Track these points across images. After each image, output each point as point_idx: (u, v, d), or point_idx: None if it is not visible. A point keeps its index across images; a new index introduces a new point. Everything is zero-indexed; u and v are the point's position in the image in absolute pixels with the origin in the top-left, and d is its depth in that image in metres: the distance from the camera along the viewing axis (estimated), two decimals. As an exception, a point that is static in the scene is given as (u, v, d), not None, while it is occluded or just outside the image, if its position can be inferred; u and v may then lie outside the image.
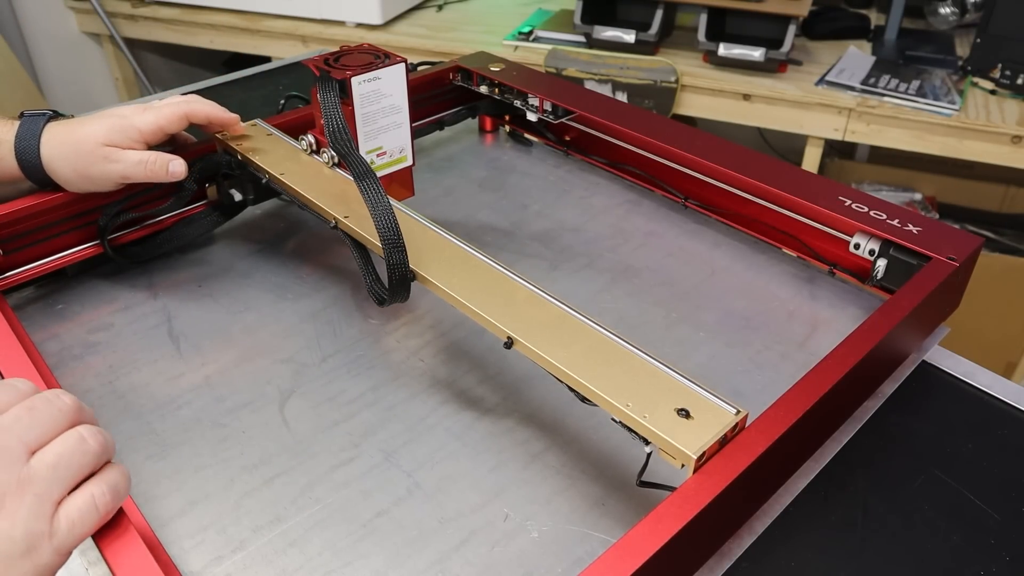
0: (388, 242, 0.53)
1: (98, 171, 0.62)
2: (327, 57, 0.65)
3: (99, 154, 0.61)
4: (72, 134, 0.62)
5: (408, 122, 0.68)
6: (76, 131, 0.62)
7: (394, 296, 0.55)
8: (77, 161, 0.61)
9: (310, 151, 0.67)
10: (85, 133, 0.61)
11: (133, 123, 0.62)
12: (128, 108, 0.64)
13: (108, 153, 0.61)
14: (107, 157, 0.61)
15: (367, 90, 0.63)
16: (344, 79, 0.62)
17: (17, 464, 0.36)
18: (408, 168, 0.71)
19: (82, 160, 0.61)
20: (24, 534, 0.35)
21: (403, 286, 0.54)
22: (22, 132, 0.62)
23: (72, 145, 0.61)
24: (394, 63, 0.64)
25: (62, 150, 0.62)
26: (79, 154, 0.61)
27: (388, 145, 0.68)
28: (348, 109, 0.63)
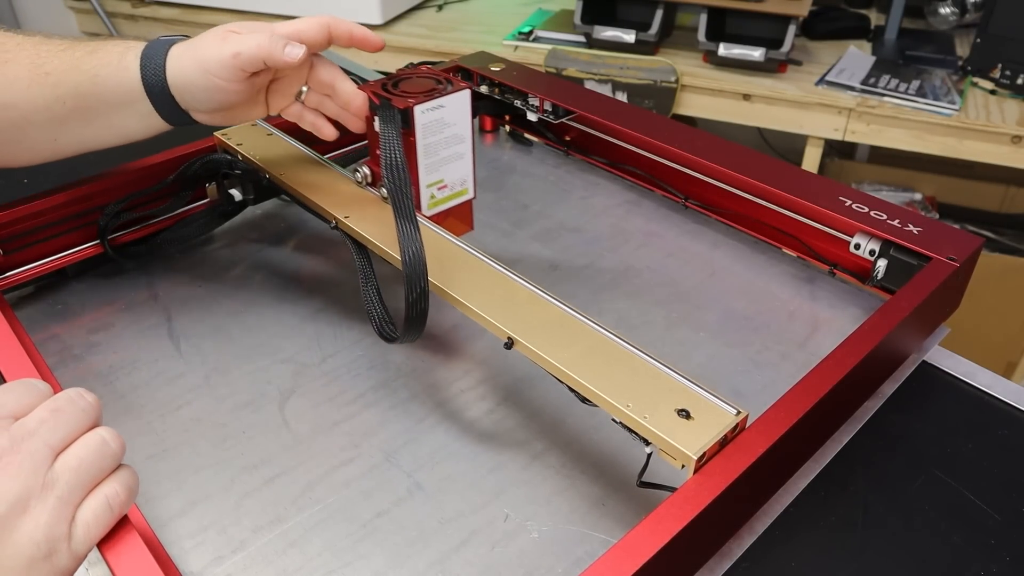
0: (414, 288, 0.50)
1: (213, 54, 0.54)
2: (384, 82, 0.60)
3: (217, 34, 0.55)
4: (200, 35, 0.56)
5: (471, 152, 0.63)
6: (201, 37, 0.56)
7: (407, 335, 0.53)
8: (196, 52, 0.55)
9: (365, 183, 0.63)
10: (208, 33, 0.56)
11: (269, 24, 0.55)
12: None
13: (226, 35, 0.55)
14: (224, 38, 0.55)
15: (430, 119, 0.58)
16: (407, 108, 0.57)
17: (43, 468, 0.36)
18: (469, 202, 0.65)
19: (201, 49, 0.55)
20: (46, 537, 0.35)
21: (418, 325, 0.52)
22: (148, 48, 0.55)
23: (195, 41, 0.56)
24: (458, 90, 0.59)
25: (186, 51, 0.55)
26: (199, 43, 0.55)
27: (449, 178, 0.62)
28: (409, 140, 0.58)
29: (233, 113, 0.59)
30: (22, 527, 0.34)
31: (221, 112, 0.58)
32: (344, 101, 0.61)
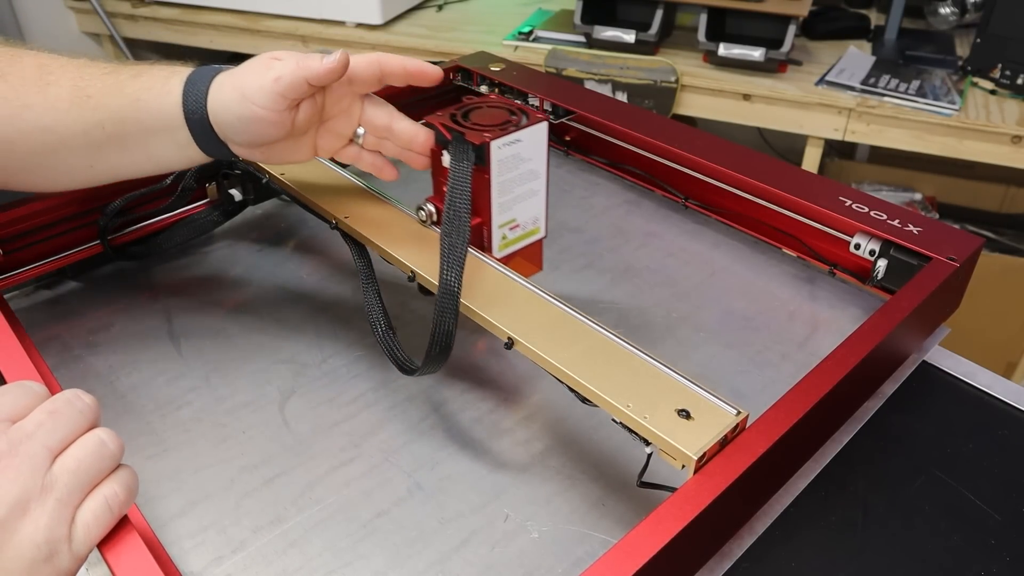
0: (438, 344, 0.50)
1: (253, 80, 0.51)
2: (453, 112, 0.55)
3: (261, 61, 0.52)
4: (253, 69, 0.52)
5: (545, 188, 0.58)
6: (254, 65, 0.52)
7: (427, 368, 0.51)
8: (237, 79, 0.51)
9: (430, 222, 0.58)
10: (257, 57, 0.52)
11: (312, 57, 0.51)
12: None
13: (270, 62, 0.51)
14: (268, 65, 0.51)
15: (506, 155, 0.53)
16: (484, 144, 0.52)
17: (41, 470, 0.36)
18: (539, 241, 0.60)
19: (242, 75, 0.51)
20: (46, 539, 0.35)
21: (441, 358, 0.51)
22: (192, 77, 0.52)
23: (239, 67, 0.52)
24: (535, 122, 0.54)
25: (228, 78, 0.52)
26: (242, 70, 0.52)
27: (522, 217, 0.57)
28: (483, 178, 0.53)
29: (274, 149, 0.54)
30: (22, 530, 0.34)
31: (260, 148, 0.54)
32: (406, 141, 0.57)
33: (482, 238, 0.56)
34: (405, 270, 0.55)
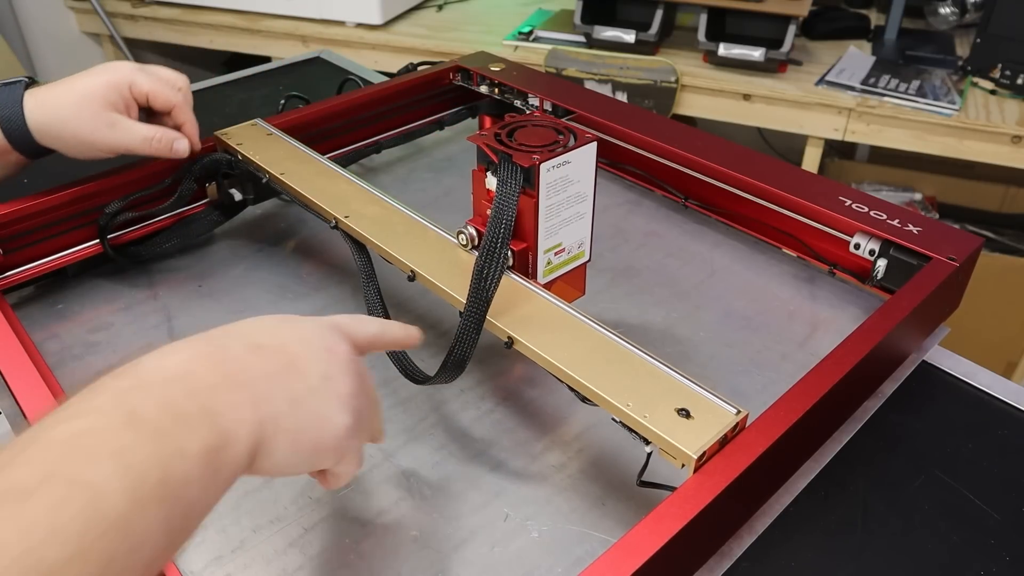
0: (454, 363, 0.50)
1: (100, 139, 0.59)
2: (496, 131, 0.53)
3: (102, 120, 0.58)
4: (65, 96, 0.59)
5: (592, 211, 0.56)
6: (69, 92, 0.59)
7: (437, 379, 0.51)
8: (76, 125, 0.58)
9: (471, 247, 0.55)
10: (81, 94, 0.59)
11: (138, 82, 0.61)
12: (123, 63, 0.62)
13: (114, 121, 0.59)
14: (112, 125, 0.59)
15: (554, 177, 0.51)
16: (532, 166, 0.50)
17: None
18: (584, 265, 0.58)
19: (82, 125, 0.58)
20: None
21: (454, 373, 0.51)
22: (3, 101, 0.58)
23: (68, 108, 0.58)
24: (584, 143, 0.52)
25: (56, 114, 0.59)
26: (78, 118, 0.58)
27: (568, 241, 0.55)
28: (531, 202, 0.51)
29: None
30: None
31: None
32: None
33: (527, 263, 0.54)
34: (405, 269, 0.55)
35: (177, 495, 0.31)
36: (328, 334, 0.41)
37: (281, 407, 0.36)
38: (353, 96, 0.82)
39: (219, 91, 1.09)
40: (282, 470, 0.37)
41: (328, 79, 1.12)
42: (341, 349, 0.40)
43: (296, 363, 0.38)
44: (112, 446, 0.30)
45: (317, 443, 0.38)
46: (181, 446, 0.32)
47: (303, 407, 0.37)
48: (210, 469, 0.33)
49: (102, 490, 0.28)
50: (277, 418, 0.36)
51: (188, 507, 0.32)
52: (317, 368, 0.38)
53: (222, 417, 0.33)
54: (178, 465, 0.31)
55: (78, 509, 0.28)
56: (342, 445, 0.39)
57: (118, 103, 0.60)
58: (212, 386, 0.34)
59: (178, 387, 0.34)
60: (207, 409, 0.33)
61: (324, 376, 0.38)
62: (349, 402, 0.39)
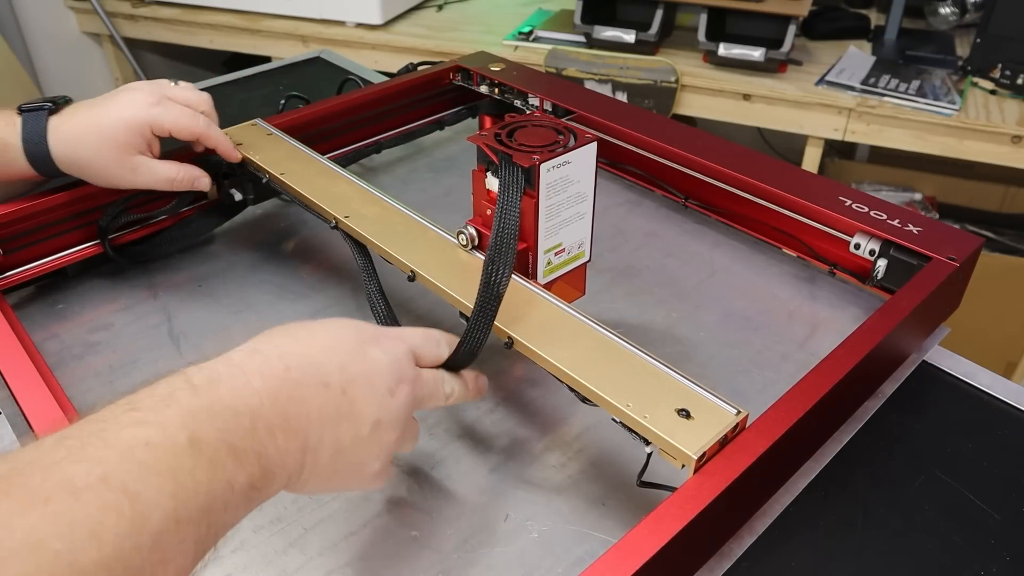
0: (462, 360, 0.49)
1: (122, 181, 0.62)
2: (496, 132, 0.53)
3: (125, 165, 0.61)
4: (87, 136, 0.60)
5: (592, 211, 0.56)
6: (91, 131, 0.60)
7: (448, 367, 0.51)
8: (98, 167, 0.61)
9: (471, 247, 0.55)
10: (102, 136, 0.60)
11: (159, 122, 0.61)
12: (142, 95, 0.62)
13: (135, 165, 0.61)
14: (134, 169, 0.61)
15: (554, 178, 0.51)
16: (532, 166, 0.50)
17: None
18: (584, 265, 0.59)
19: (104, 169, 0.61)
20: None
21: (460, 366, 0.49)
22: (28, 134, 0.60)
23: (89, 150, 0.60)
24: (584, 143, 0.52)
25: (77, 154, 0.61)
26: (100, 162, 0.61)
27: (568, 241, 0.55)
28: (531, 202, 0.51)
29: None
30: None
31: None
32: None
33: (527, 263, 0.54)
34: (405, 269, 0.55)
35: (214, 520, 0.33)
36: (398, 370, 0.42)
37: (325, 455, 0.38)
38: (353, 96, 0.82)
39: (219, 91, 1.09)
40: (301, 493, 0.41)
41: (328, 79, 1.12)
42: (403, 393, 0.42)
43: (354, 409, 0.39)
44: (169, 464, 0.31)
45: (344, 485, 0.42)
46: (231, 480, 0.33)
47: (344, 457, 0.39)
48: (248, 500, 0.35)
49: (149, 504, 0.30)
50: (318, 464, 0.38)
51: (220, 529, 0.34)
52: (371, 413, 0.40)
53: (271, 460, 0.36)
54: (222, 495, 0.33)
55: (122, 517, 0.29)
56: (365, 486, 0.43)
57: (140, 145, 0.61)
58: (271, 428, 0.36)
59: (243, 422, 0.35)
60: (261, 450, 0.35)
61: (375, 424, 0.40)
62: (388, 451, 0.42)
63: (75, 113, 0.62)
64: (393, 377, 0.41)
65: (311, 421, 0.37)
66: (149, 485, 0.30)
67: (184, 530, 0.31)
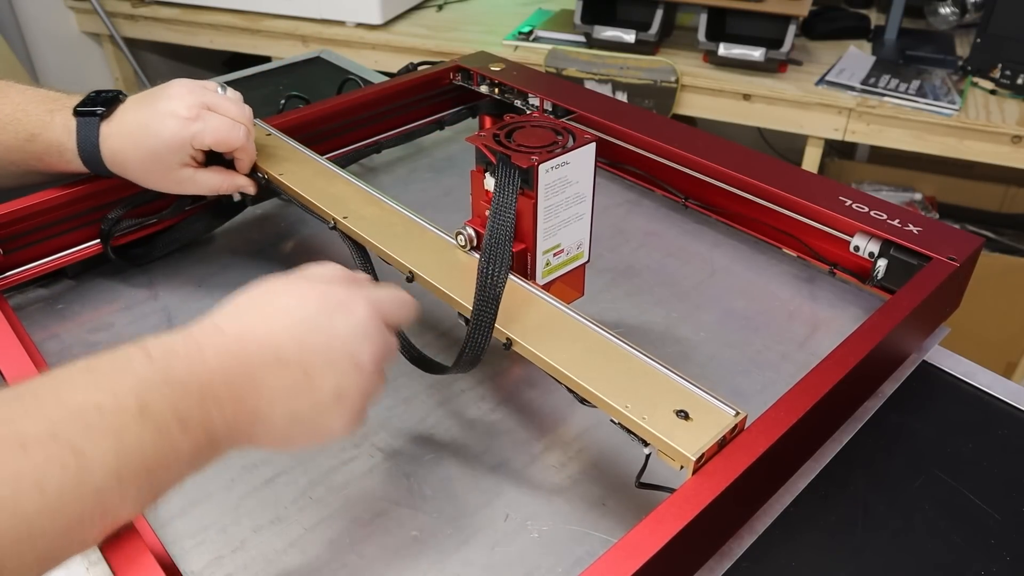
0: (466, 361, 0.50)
1: (171, 190, 0.64)
2: (495, 132, 0.53)
3: (172, 179, 0.62)
4: (134, 152, 0.61)
5: (591, 212, 0.56)
6: (136, 149, 0.61)
7: (456, 369, 0.51)
8: (149, 182, 0.63)
9: (469, 247, 0.55)
10: (148, 154, 0.61)
11: (199, 138, 0.61)
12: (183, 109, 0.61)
13: (182, 179, 0.63)
14: (181, 183, 0.63)
15: (553, 178, 0.51)
16: (531, 167, 0.50)
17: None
18: (583, 266, 0.59)
19: (154, 183, 0.63)
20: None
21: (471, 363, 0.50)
22: (83, 141, 0.61)
23: (138, 167, 0.62)
24: (583, 143, 0.52)
25: (127, 170, 0.62)
26: (150, 178, 0.63)
27: (567, 242, 0.55)
28: (529, 203, 0.51)
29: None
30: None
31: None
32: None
33: (526, 264, 0.54)
34: (403, 270, 0.55)
35: (157, 480, 0.35)
36: (362, 336, 0.42)
37: (279, 423, 0.39)
38: (353, 96, 0.82)
39: (219, 91, 1.09)
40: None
41: (328, 79, 1.12)
42: (366, 359, 0.41)
43: (312, 383, 0.40)
44: (116, 427, 0.33)
45: (304, 445, 0.41)
46: (176, 446, 0.35)
47: (301, 424, 0.40)
48: (193, 463, 0.37)
49: (93, 461, 0.32)
50: (272, 431, 0.39)
51: (162, 487, 0.36)
52: (331, 386, 0.40)
53: (218, 429, 0.37)
54: (166, 459, 0.35)
55: (66, 471, 0.32)
56: (326, 442, 0.43)
57: (185, 159, 0.62)
58: (220, 401, 0.37)
59: (192, 395, 0.36)
60: (208, 418, 0.37)
61: (336, 393, 0.40)
62: (353, 417, 0.42)
63: (123, 120, 0.62)
64: (356, 346, 0.41)
65: (262, 396, 0.38)
66: (95, 444, 0.32)
67: (126, 487, 0.33)
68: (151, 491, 0.35)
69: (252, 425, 0.39)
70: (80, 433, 0.32)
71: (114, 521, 0.34)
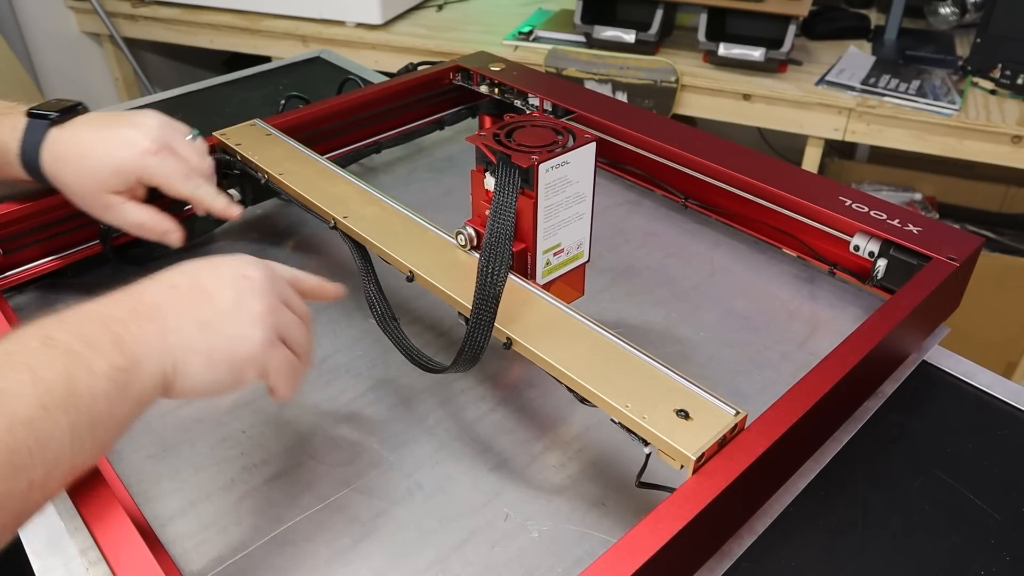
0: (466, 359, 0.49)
1: (94, 213, 0.61)
2: (495, 132, 0.53)
3: (100, 202, 0.60)
4: (75, 163, 0.59)
5: (591, 211, 0.56)
6: (79, 160, 0.59)
7: (455, 368, 0.51)
8: (76, 196, 0.60)
9: (469, 247, 0.55)
10: (87, 169, 0.59)
11: (149, 173, 0.59)
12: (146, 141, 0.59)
13: (110, 204, 0.60)
14: (107, 207, 0.60)
15: (553, 178, 0.51)
16: (531, 167, 0.50)
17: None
18: (583, 265, 0.58)
19: (80, 199, 0.60)
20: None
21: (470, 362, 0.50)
22: (26, 143, 0.59)
23: (72, 177, 0.60)
24: (583, 143, 0.52)
25: (60, 178, 0.60)
26: (79, 192, 0.60)
27: (567, 241, 0.55)
28: (529, 202, 0.51)
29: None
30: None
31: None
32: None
33: (526, 264, 0.54)
34: (403, 270, 0.55)
35: (83, 405, 0.36)
36: (245, 265, 0.46)
37: (191, 332, 0.42)
38: (353, 96, 0.82)
39: (219, 91, 1.09)
40: (206, 388, 0.43)
41: (328, 79, 1.12)
42: (256, 275, 0.45)
43: (207, 293, 0.43)
44: (26, 361, 0.36)
45: (232, 358, 0.43)
46: (89, 365, 0.37)
47: (213, 329, 0.42)
48: (117, 386, 0.38)
49: (13, 394, 0.34)
50: (187, 343, 0.41)
51: (95, 418, 0.37)
52: (228, 295, 0.44)
53: (130, 344, 0.39)
54: (85, 379, 0.37)
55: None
56: (259, 357, 0.43)
57: (119, 187, 0.60)
58: (122, 320, 0.40)
59: (92, 320, 0.39)
60: (116, 337, 0.39)
61: (235, 300, 0.44)
62: (262, 319, 0.44)
63: (75, 131, 0.60)
64: (240, 268, 0.45)
65: (164, 312, 0.41)
66: (10, 380, 0.35)
67: (54, 415, 0.35)
68: (85, 421, 0.36)
69: (162, 337, 0.40)
70: None
71: (56, 456, 0.35)
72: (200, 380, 0.42)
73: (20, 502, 0.34)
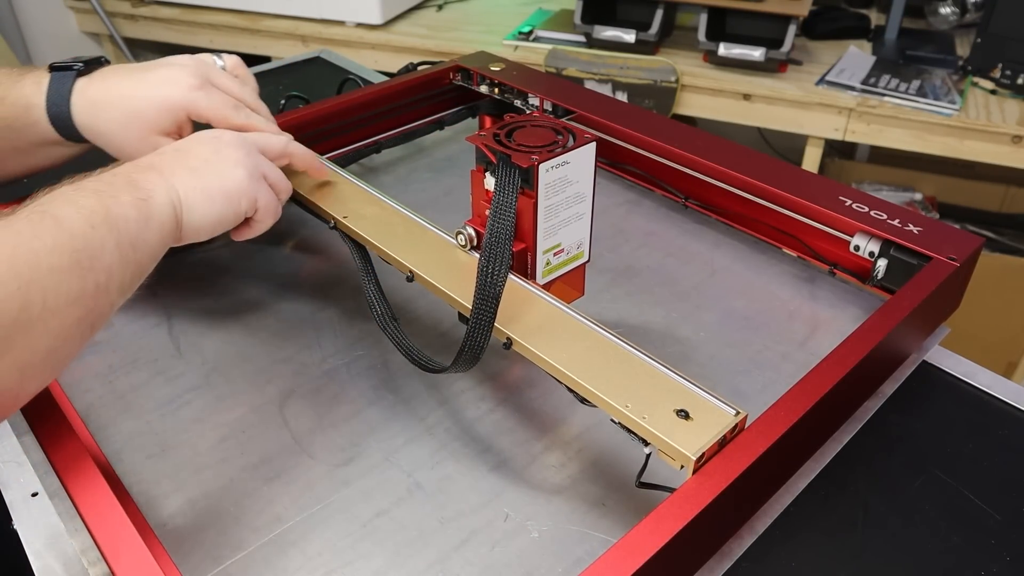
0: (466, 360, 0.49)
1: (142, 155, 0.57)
2: (495, 132, 0.53)
3: (147, 144, 0.57)
4: (116, 107, 0.57)
5: (591, 211, 0.56)
6: (121, 103, 0.57)
7: (455, 368, 0.50)
8: (120, 143, 0.58)
9: (469, 247, 0.55)
10: (131, 111, 0.57)
11: (196, 107, 0.58)
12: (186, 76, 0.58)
13: (159, 145, 0.57)
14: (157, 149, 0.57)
15: (553, 178, 0.51)
16: (531, 166, 0.50)
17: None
18: (583, 265, 0.59)
19: (126, 145, 0.58)
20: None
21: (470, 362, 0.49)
22: (53, 95, 0.57)
23: (114, 123, 0.58)
24: (583, 143, 0.52)
25: (100, 126, 0.58)
26: (124, 137, 0.58)
27: (567, 241, 0.55)
28: (529, 202, 0.51)
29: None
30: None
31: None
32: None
33: (526, 264, 0.54)
34: (403, 270, 0.55)
35: (120, 225, 0.46)
36: (216, 131, 0.56)
37: (184, 177, 0.51)
38: (353, 96, 0.82)
39: (219, 91, 1.09)
40: (209, 222, 0.52)
41: (328, 79, 1.12)
42: (227, 136, 0.55)
43: (188, 151, 0.53)
44: (65, 199, 0.45)
45: (225, 191, 0.52)
46: (116, 196, 0.47)
47: (202, 171, 0.52)
48: (142, 214, 0.47)
49: (64, 218, 0.43)
50: (185, 182, 0.51)
51: (132, 238, 0.46)
52: (205, 150, 0.53)
53: (140, 184, 0.49)
54: (116, 206, 0.46)
55: (48, 226, 0.43)
56: (249, 190, 0.53)
57: (169, 128, 0.58)
58: (127, 172, 0.49)
59: (105, 175, 0.49)
60: (129, 179, 0.49)
61: (215, 151, 0.53)
62: (240, 162, 0.53)
63: (107, 77, 0.58)
64: (213, 133, 0.55)
65: (158, 166, 0.51)
66: (58, 210, 0.44)
67: (100, 232, 0.44)
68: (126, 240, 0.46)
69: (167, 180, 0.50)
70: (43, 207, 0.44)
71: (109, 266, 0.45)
72: (203, 213, 0.51)
73: (91, 300, 0.44)
